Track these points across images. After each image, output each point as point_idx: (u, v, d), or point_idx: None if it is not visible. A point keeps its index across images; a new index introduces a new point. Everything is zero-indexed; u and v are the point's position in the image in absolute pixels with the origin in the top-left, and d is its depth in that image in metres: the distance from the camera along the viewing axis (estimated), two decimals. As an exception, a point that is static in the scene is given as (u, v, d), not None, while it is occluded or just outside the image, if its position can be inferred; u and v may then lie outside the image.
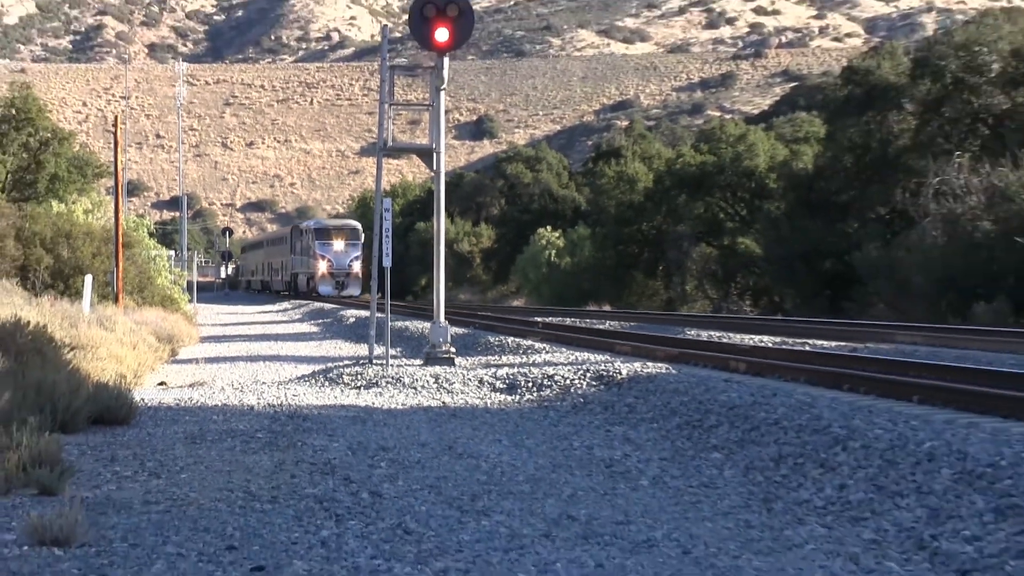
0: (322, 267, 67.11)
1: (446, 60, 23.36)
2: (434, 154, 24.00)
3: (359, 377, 21.52)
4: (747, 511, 10.71)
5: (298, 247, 73.82)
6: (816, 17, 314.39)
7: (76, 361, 19.14)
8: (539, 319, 41.10)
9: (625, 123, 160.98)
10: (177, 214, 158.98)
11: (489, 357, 24.87)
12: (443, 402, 18.66)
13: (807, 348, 25.12)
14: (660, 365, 20.21)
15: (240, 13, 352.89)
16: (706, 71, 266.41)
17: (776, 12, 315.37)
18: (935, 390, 14.65)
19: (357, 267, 65.62)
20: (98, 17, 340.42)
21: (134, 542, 8.87)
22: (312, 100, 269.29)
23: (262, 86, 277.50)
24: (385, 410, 17.64)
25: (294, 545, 8.84)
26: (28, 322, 20.47)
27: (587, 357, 22.98)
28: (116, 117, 48.96)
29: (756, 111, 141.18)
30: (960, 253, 40.31)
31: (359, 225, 69.16)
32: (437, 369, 22.12)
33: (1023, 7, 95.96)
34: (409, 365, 23.07)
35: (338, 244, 67.01)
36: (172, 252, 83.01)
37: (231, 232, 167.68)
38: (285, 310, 61.48)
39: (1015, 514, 9.13)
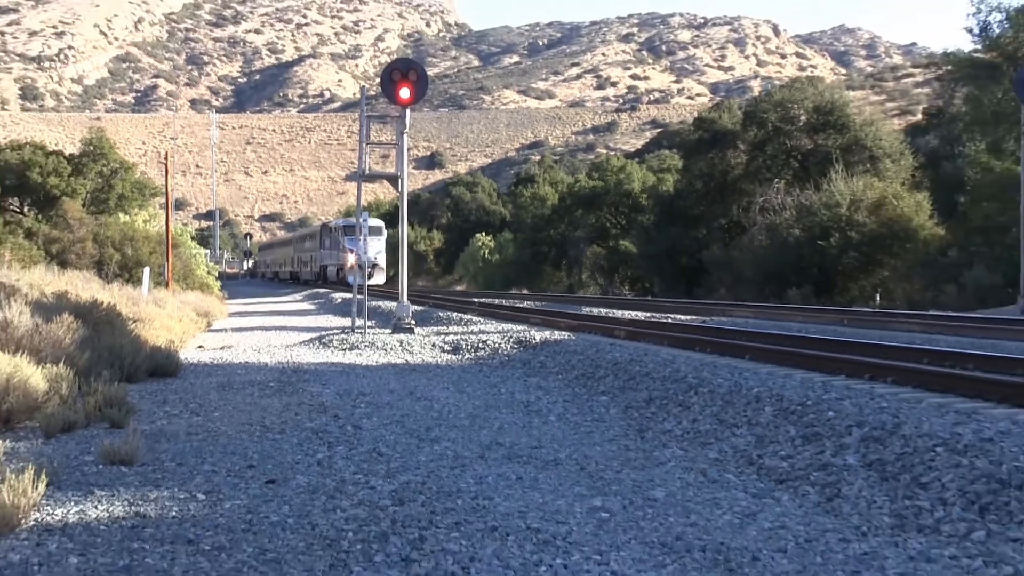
0: (351, 259, 60.41)
1: (408, 111, 23.27)
2: (399, 179, 23.94)
3: (344, 342, 21.40)
4: (626, 439, 10.73)
5: (327, 242, 66.66)
6: (675, 82, 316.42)
7: (137, 330, 18.96)
8: (476, 300, 40.98)
9: (538, 158, 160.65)
10: (211, 223, 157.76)
11: (439, 327, 24.77)
12: (406, 360, 18.60)
13: (669, 320, 25.19)
14: (563, 333, 20.20)
15: (258, 76, 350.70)
16: (596, 120, 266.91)
17: (647, 78, 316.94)
18: (761, 351, 14.73)
19: (382, 260, 58.77)
20: (154, 79, 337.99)
21: (180, 462, 8.82)
22: (310, 140, 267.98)
23: (274, 130, 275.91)
24: (364, 366, 17.56)
25: (297, 464, 8.79)
26: (102, 302, 20.26)
27: (511, 327, 22.94)
28: (166, 152, 48.58)
29: (632, 149, 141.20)
30: (778, 252, 40.65)
31: (382, 223, 62.58)
32: (401, 336, 22.04)
33: (822, 76, 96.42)
34: (381, 333, 22.96)
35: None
36: (208, 251, 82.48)
37: (251, 236, 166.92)
38: (290, 293, 60.99)
39: (816, 439, 9.20)
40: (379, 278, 57.41)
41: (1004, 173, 34.32)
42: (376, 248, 55.73)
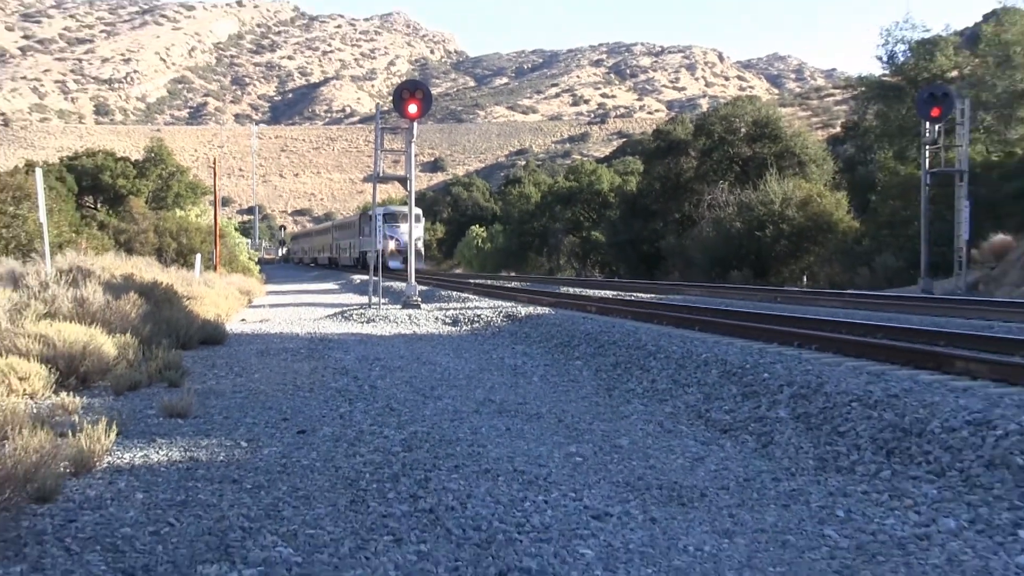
0: (391, 245, 52.41)
1: (415, 124, 23.20)
2: (408, 181, 23.88)
3: (362, 316, 21.39)
4: (596, 396, 10.75)
5: (366, 230, 56.50)
6: (637, 100, 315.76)
7: (191, 306, 18.92)
8: (472, 281, 40.94)
9: (523, 163, 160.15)
10: (252, 217, 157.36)
11: (442, 304, 24.76)
12: (414, 331, 18.59)
13: (633, 298, 25.20)
14: (545, 308, 20.21)
15: (290, 95, 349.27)
16: (572, 131, 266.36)
17: (614, 96, 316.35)
18: (708, 323, 14.75)
19: (420, 245, 52.20)
20: (204, 98, 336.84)
21: (226, 415, 8.81)
22: (334, 148, 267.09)
23: (303, 139, 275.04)
24: (378, 336, 17.56)
25: (323, 418, 8.79)
26: (162, 283, 20.21)
27: (500, 303, 22.94)
28: (215, 159, 48.49)
29: (602, 156, 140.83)
30: (722, 241, 40.67)
31: (420, 211, 55.37)
32: (410, 311, 22.03)
33: (759, 95, 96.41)
34: (393, 309, 22.95)
35: (404, 226, 51.18)
36: (249, 240, 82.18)
37: (284, 228, 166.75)
38: (317, 276, 60.71)
39: (754, 396, 9.23)
40: (417, 263, 51.66)
41: (907, 176, 34.44)
42: (416, 234, 50.80)
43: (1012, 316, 16.11)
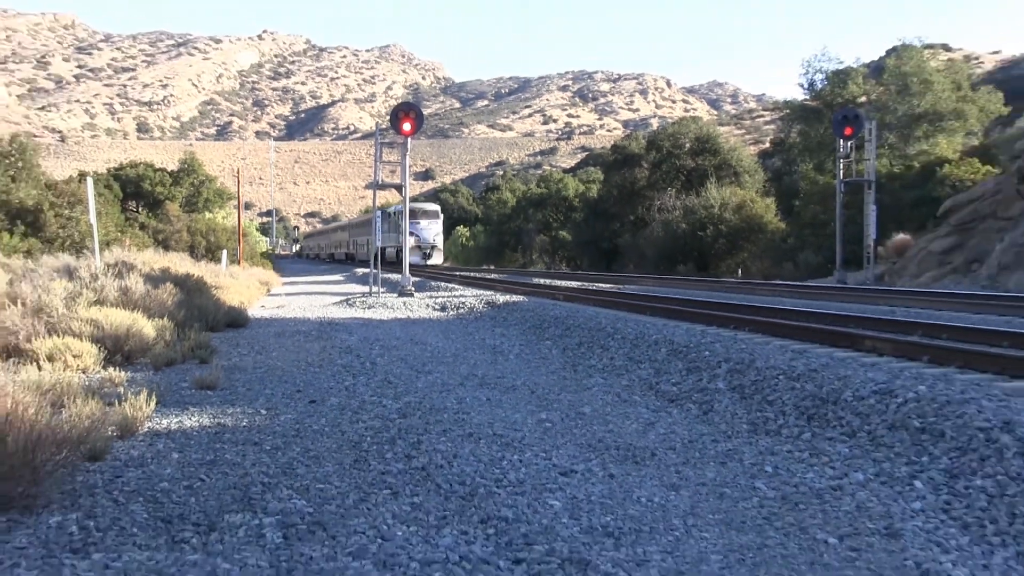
0: (411, 241, 42.72)
1: (409, 140, 23.15)
2: (403, 188, 23.81)
3: (364, 303, 21.31)
4: (563, 371, 10.77)
5: (385, 227, 49.97)
6: (598, 119, 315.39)
7: (218, 294, 18.80)
8: (457, 273, 40.80)
9: (501, 173, 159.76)
10: (270, 218, 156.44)
11: (432, 292, 24.70)
12: (408, 316, 18.55)
13: (594, 287, 25.22)
14: (520, 296, 20.21)
15: (303, 115, 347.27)
16: (542, 146, 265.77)
17: (578, 116, 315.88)
18: (658, 309, 14.78)
19: (439, 241, 48.71)
20: (229, 117, 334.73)
21: (248, 387, 8.79)
22: (340, 160, 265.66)
23: (314, 153, 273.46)
24: (378, 320, 17.51)
25: (331, 390, 8.78)
26: (194, 274, 20.10)
27: (482, 292, 22.91)
28: (238, 169, 48.20)
29: (568, 167, 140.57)
30: (670, 240, 40.79)
31: (439, 207, 51.34)
32: (404, 299, 21.98)
33: (701, 116, 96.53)
34: (390, 297, 22.89)
35: (423, 223, 47.20)
36: (267, 238, 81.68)
37: (298, 228, 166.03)
38: (326, 269, 60.34)
39: (696, 371, 9.27)
40: (437, 259, 48.10)
41: (825, 185, 34.62)
42: (435, 231, 47.89)
43: (911, 303, 16.26)
